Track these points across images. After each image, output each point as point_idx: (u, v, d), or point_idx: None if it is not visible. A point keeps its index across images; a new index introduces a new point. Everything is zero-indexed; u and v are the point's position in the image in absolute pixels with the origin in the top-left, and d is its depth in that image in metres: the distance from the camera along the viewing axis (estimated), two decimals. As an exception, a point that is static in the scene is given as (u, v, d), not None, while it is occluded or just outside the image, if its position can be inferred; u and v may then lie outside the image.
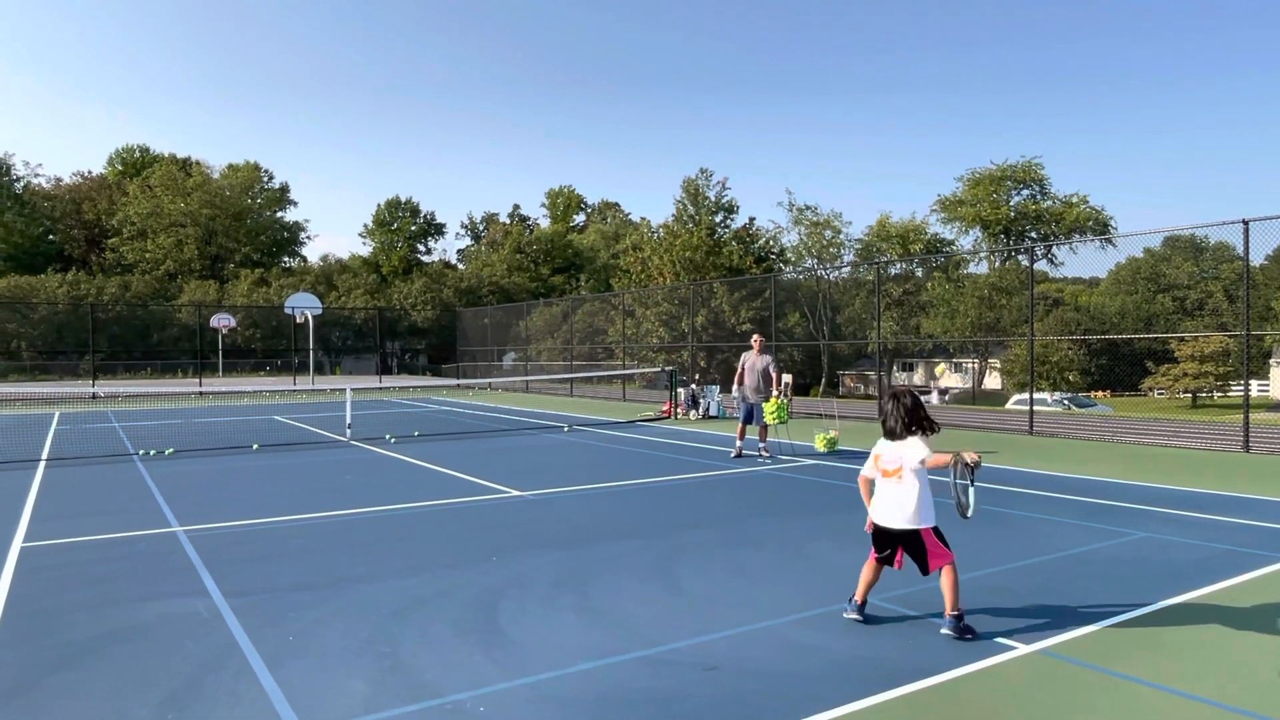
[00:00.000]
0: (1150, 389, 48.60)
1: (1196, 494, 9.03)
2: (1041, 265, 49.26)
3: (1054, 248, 45.28)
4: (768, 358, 12.42)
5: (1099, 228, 54.26)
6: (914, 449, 4.60)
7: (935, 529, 4.61)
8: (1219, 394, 45.13)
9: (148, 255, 65.44)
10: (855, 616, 4.82)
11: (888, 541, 4.72)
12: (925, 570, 4.64)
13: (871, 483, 4.87)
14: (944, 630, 4.59)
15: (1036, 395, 19.23)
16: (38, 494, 9.63)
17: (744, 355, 12.50)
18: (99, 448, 14.17)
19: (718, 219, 51.72)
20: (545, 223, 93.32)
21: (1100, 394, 48.48)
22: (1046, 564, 6.15)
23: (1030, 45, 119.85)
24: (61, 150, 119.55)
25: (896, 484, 4.63)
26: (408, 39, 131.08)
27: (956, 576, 4.60)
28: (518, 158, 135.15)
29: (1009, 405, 33.63)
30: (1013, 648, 4.41)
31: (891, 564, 4.77)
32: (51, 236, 68.97)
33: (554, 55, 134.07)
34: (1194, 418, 24.11)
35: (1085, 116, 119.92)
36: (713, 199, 51.93)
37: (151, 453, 13.25)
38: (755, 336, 12.69)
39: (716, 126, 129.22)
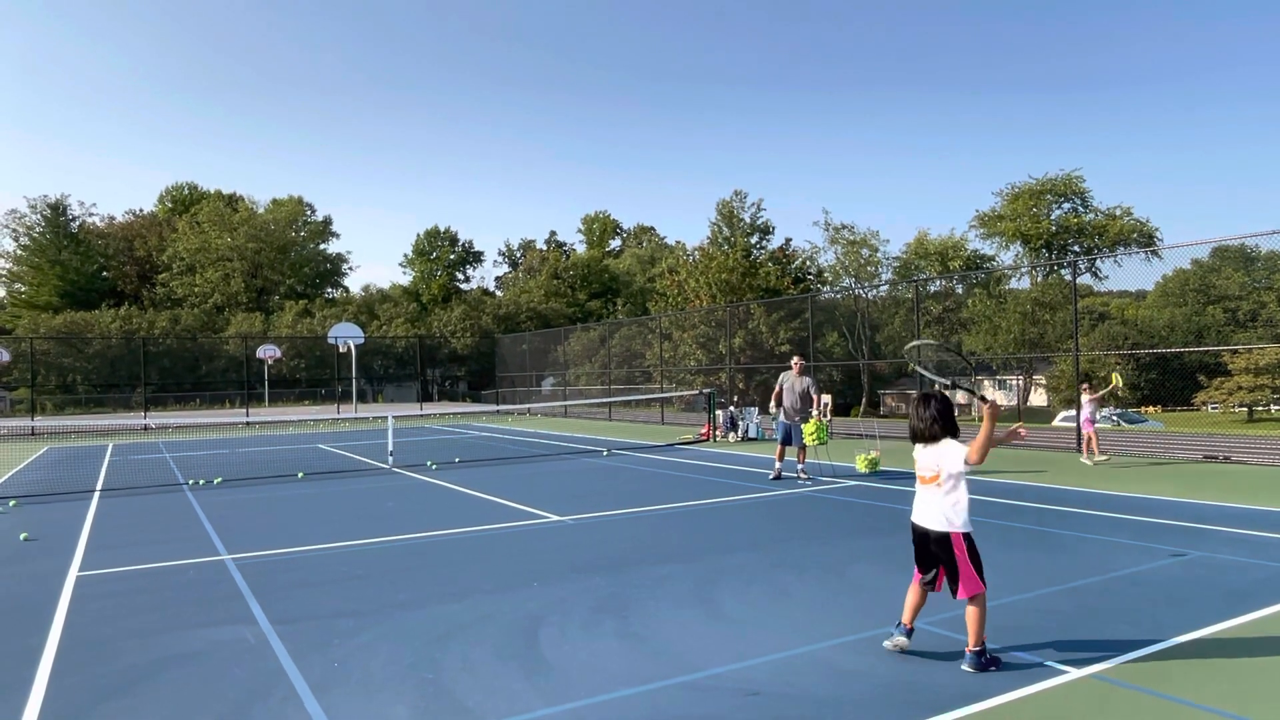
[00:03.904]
0: (1203, 403, 47.26)
1: (1254, 511, 8.75)
2: (1085, 279, 48.24)
3: (1098, 261, 44.28)
4: (808, 379, 12.39)
5: (1144, 240, 53.12)
6: (952, 453, 4.47)
7: (968, 538, 4.44)
8: (1276, 407, 43.73)
9: (196, 289, 67.15)
10: (903, 640, 4.65)
11: (928, 553, 4.57)
12: (955, 594, 4.48)
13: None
14: (964, 666, 4.38)
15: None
16: (92, 524, 9.90)
17: (782, 375, 12.50)
18: (150, 478, 14.52)
19: (753, 240, 51.79)
20: (581, 248, 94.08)
21: (1151, 409, 47.24)
22: (1099, 585, 6.00)
23: (1068, 57, 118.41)
24: (114, 189, 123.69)
25: (935, 490, 4.53)
26: (444, 71, 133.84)
27: (984, 610, 4.40)
28: (554, 185, 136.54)
29: (1055, 422, 32.94)
30: (1064, 671, 4.30)
31: (934, 587, 4.60)
32: (105, 273, 71.11)
33: (588, 82, 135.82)
34: (1250, 432, 23.42)
35: (1127, 130, 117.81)
36: (747, 220, 52.07)
37: (200, 482, 13.54)
38: (795, 358, 12.70)
39: (751, 148, 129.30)
